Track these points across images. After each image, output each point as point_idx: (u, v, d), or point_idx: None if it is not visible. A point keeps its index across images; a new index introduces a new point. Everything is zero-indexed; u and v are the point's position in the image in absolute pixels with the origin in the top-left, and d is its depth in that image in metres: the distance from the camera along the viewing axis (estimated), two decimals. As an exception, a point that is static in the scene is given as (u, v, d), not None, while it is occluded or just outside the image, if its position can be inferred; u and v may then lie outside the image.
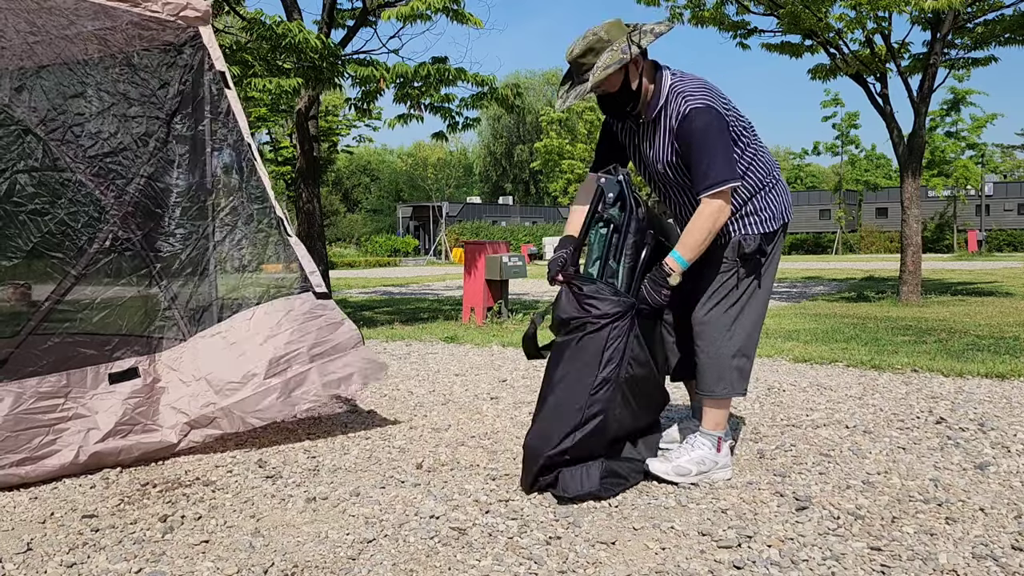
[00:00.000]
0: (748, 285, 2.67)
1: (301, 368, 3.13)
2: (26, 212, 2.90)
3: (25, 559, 2.13)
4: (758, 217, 2.65)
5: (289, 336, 3.15)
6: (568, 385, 2.54)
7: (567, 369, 2.55)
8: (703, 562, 2.04)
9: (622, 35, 2.51)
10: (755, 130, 2.70)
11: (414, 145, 61.53)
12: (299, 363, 3.13)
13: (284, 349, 3.12)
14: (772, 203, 2.68)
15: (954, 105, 25.34)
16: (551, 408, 2.55)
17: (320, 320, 3.25)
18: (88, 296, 3.06)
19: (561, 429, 2.50)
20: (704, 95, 2.52)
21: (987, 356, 5.09)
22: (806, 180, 54.53)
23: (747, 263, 2.64)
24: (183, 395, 3.12)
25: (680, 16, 10.00)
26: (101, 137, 3.13)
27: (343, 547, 2.17)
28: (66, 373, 2.88)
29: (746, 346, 2.68)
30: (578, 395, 2.52)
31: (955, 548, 2.09)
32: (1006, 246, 36.74)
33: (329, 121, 20.04)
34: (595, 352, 2.52)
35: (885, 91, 9.69)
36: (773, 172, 2.71)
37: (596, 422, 2.51)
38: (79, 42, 3.09)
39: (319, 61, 6.94)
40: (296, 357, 3.13)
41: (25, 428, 2.73)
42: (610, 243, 2.62)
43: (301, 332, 3.18)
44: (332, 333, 3.23)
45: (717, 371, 2.66)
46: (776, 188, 2.71)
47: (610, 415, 2.54)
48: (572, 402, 2.51)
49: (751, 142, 2.65)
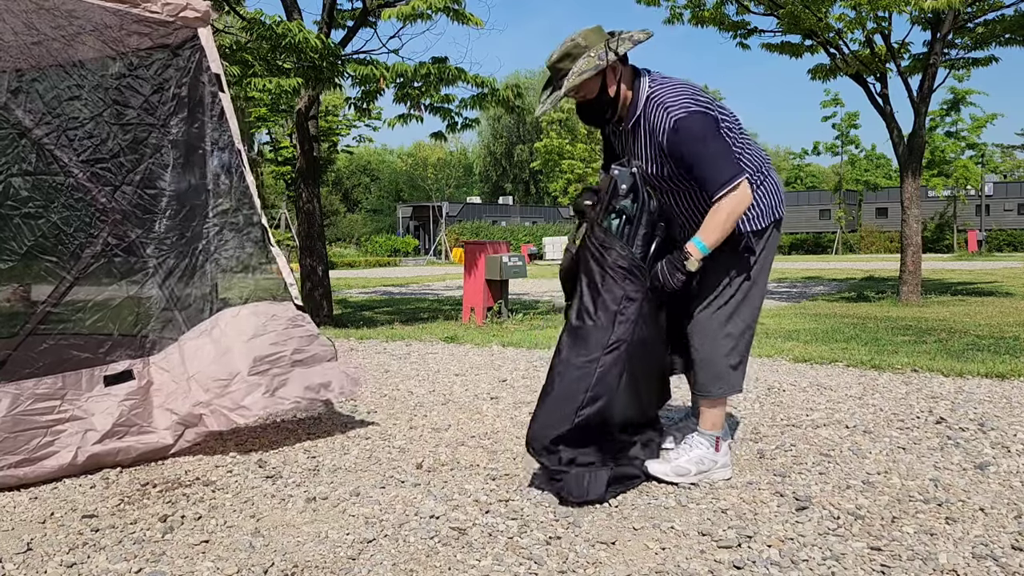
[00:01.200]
0: (740, 284, 2.64)
1: (283, 371, 3.18)
2: (20, 215, 2.89)
3: (25, 559, 2.13)
4: (746, 215, 2.59)
5: (275, 338, 3.20)
6: (574, 365, 2.54)
7: (577, 341, 2.57)
8: (703, 562, 2.04)
9: (600, 41, 2.49)
10: (741, 127, 2.66)
11: (414, 145, 61.59)
12: (281, 365, 3.18)
13: (269, 349, 3.17)
14: (760, 200, 2.62)
15: (954, 105, 25.35)
16: (560, 383, 2.55)
17: (301, 329, 3.31)
18: (82, 299, 3.06)
19: (568, 407, 2.50)
20: (684, 100, 2.48)
21: (987, 356, 5.09)
22: (806, 180, 54.51)
23: (737, 262, 2.63)
24: (175, 395, 3.14)
25: (680, 16, 10.00)
26: (97, 139, 3.12)
27: (343, 547, 2.17)
28: (62, 375, 2.89)
29: (740, 345, 2.67)
30: (585, 374, 2.52)
31: (955, 548, 2.09)
32: (1006, 246, 36.74)
33: (329, 121, 20.03)
34: (612, 303, 2.53)
35: (885, 91, 9.70)
36: (762, 168, 2.65)
37: (602, 402, 2.51)
38: (77, 43, 3.09)
39: (319, 61, 6.94)
40: (279, 359, 3.18)
41: (23, 430, 2.74)
42: (622, 234, 2.61)
43: (285, 336, 3.23)
44: (310, 344, 3.31)
45: (713, 371, 2.65)
46: (765, 184, 2.65)
47: (616, 397, 2.54)
48: (579, 381, 2.52)
49: (737, 139, 2.60)
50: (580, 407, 2.50)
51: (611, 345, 2.53)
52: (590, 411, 2.50)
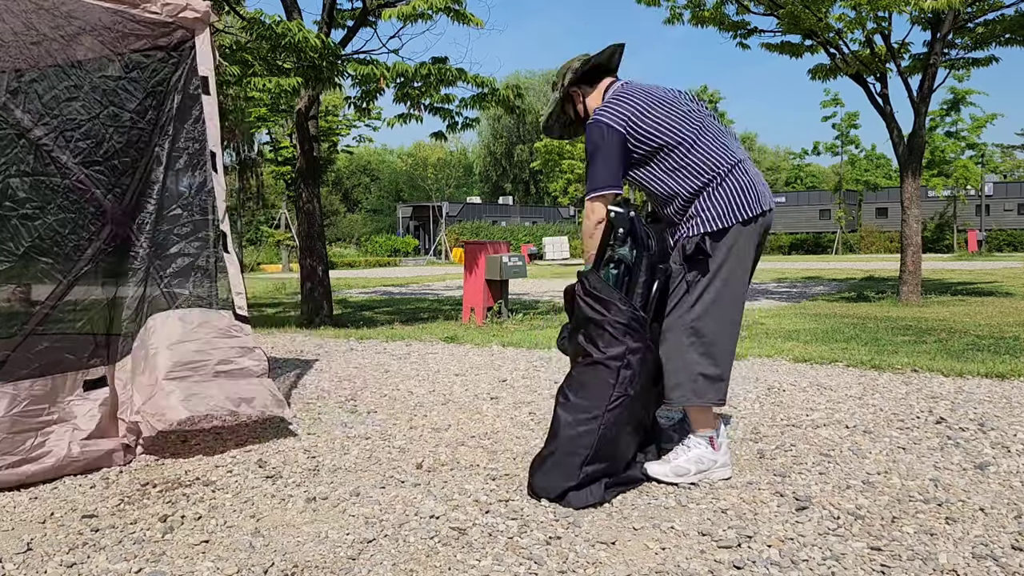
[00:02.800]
0: (702, 289, 2.60)
1: (203, 379, 3.14)
2: (18, 216, 2.89)
3: (25, 559, 2.13)
4: (700, 218, 2.60)
5: (200, 345, 3.19)
6: (577, 421, 2.53)
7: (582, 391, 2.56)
8: (703, 562, 2.04)
9: (565, 72, 2.85)
10: (699, 135, 2.66)
11: (414, 145, 61.57)
12: (203, 373, 3.15)
13: (191, 356, 3.15)
14: (718, 202, 2.60)
15: (954, 105, 25.36)
16: (563, 435, 2.53)
17: (234, 341, 3.30)
18: (73, 300, 3.07)
19: (571, 462, 2.49)
20: (605, 112, 2.67)
21: (987, 356, 5.09)
22: (806, 180, 54.53)
23: (693, 266, 2.60)
24: (124, 403, 3.16)
25: (680, 16, 10.00)
26: (95, 140, 3.12)
27: (343, 547, 2.17)
28: (52, 377, 2.90)
29: (715, 352, 2.61)
30: (588, 431, 2.51)
31: (955, 548, 2.09)
32: (1006, 246, 36.73)
33: (329, 121, 20.05)
34: (615, 360, 2.53)
35: (885, 91, 9.69)
36: (719, 171, 2.62)
37: (604, 456, 2.52)
38: (76, 43, 3.08)
39: (319, 61, 6.94)
40: (201, 367, 3.15)
41: (20, 431, 2.74)
42: (621, 284, 2.60)
43: (211, 346, 3.22)
44: (241, 356, 3.28)
45: (676, 377, 2.62)
46: (723, 186, 2.61)
47: (619, 442, 2.57)
48: (582, 438, 2.51)
49: (682, 153, 2.63)
50: (584, 462, 2.49)
51: (614, 402, 2.52)
52: (595, 467, 2.50)
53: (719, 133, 2.70)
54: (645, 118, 2.64)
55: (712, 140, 2.67)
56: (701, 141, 2.66)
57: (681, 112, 2.68)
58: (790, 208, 42.98)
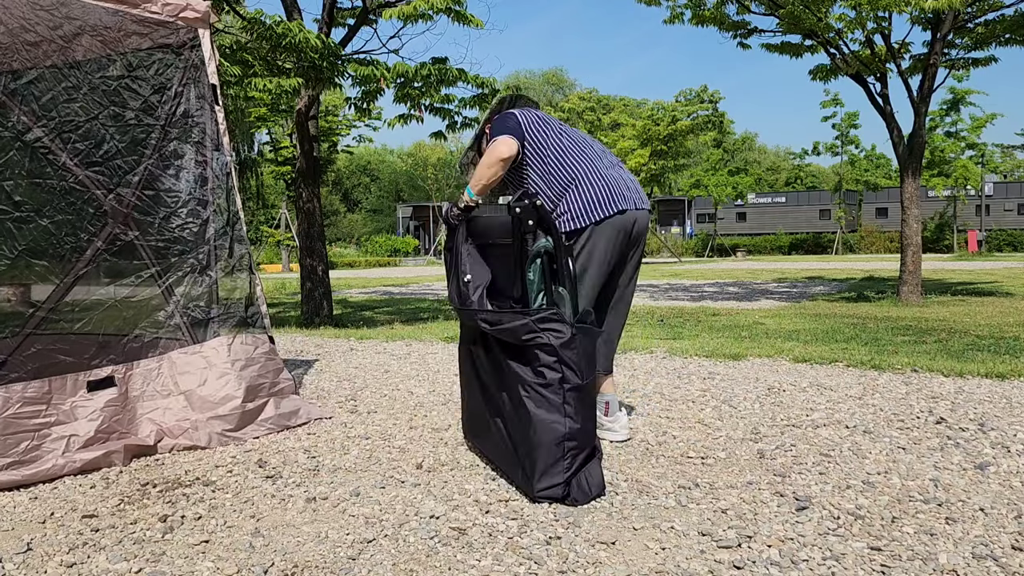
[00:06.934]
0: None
1: (265, 399, 3.51)
2: (12, 219, 2.89)
3: (25, 559, 2.13)
4: (559, 219, 3.00)
5: (260, 369, 3.54)
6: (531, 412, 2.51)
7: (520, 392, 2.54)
8: (703, 562, 2.04)
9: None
10: (565, 145, 3.07)
11: (414, 145, 61.51)
12: (264, 394, 3.51)
13: (258, 380, 3.50)
14: (572, 205, 3.00)
15: (954, 105, 25.37)
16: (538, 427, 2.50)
17: (274, 363, 3.66)
18: (72, 301, 3.07)
19: (552, 456, 2.47)
20: (499, 120, 3.14)
21: (987, 356, 5.09)
22: (806, 180, 54.48)
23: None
24: (159, 407, 3.24)
25: (680, 16, 10.00)
26: (94, 141, 3.12)
27: (343, 547, 2.17)
28: (48, 380, 2.89)
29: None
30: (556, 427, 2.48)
31: (955, 548, 2.09)
32: (1006, 246, 36.72)
33: (329, 121, 20.04)
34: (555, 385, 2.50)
35: (885, 91, 9.69)
36: (575, 178, 3.01)
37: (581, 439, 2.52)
38: (75, 43, 3.08)
39: (319, 61, 6.93)
40: (262, 388, 3.51)
41: (13, 432, 2.74)
42: (550, 273, 2.67)
43: (266, 368, 3.58)
44: (279, 376, 3.65)
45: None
46: (576, 191, 3.00)
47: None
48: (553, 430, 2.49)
49: (552, 158, 3.05)
50: (563, 457, 2.47)
51: (568, 403, 2.50)
52: (575, 459, 2.49)
53: (585, 147, 3.12)
54: (532, 125, 3.09)
55: (565, 158, 3.07)
56: (569, 155, 3.08)
57: (562, 132, 3.13)
58: (790, 208, 42.99)
